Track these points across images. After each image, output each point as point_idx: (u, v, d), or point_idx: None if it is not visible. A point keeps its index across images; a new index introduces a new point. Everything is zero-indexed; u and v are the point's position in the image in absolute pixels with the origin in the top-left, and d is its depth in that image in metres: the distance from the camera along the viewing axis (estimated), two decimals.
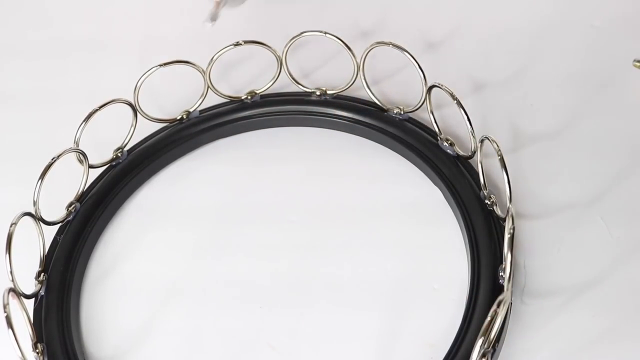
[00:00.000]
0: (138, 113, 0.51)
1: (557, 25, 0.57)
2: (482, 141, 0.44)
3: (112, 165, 0.51)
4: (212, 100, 0.54)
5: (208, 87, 0.53)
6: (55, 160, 0.46)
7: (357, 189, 0.49)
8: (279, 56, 0.52)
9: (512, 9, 0.59)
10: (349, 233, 0.47)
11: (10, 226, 0.42)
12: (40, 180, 0.45)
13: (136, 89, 0.51)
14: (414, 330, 0.42)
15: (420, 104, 0.49)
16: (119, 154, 0.51)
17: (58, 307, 0.43)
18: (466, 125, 0.46)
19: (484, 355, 0.36)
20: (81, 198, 0.49)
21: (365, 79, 0.51)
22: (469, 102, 0.48)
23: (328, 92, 0.53)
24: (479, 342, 0.34)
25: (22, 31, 0.67)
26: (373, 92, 0.51)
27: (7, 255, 0.41)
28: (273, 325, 0.43)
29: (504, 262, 0.39)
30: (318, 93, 0.53)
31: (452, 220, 0.46)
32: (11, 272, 0.41)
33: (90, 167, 0.49)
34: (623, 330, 0.40)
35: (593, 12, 0.57)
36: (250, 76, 0.58)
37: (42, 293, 0.44)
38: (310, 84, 0.53)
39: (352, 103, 0.52)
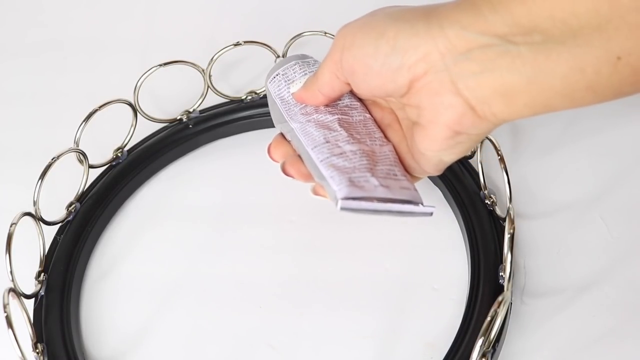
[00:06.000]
0: (138, 113, 0.51)
1: None
2: (482, 141, 0.44)
3: (112, 165, 0.51)
4: (212, 100, 0.54)
5: (208, 87, 0.53)
6: (55, 160, 0.46)
7: None
8: (279, 56, 0.52)
9: None
10: (349, 233, 0.47)
11: (11, 226, 0.42)
12: (40, 180, 0.45)
13: (136, 89, 0.51)
14: (414, 330, 0.42)
15: None
16: (119, 154, 0.51)
17: (58, 307, 0.43)
18: None
19: (484, 355, 0.36)
20: (81, 198, 0.49)
21: None
22: None
23: None
24: (479, 342, 0.34)
25: (22, 31, 0.67)
26: None
27: (7, 255, 0.41)
28: (273, 325, 0.43)
29: (504, 262, 0.39)
30: None
31: (452, 220, 0.46)
32: (11, 272, 0.41)
33: (90, 167, 0.49)
34: (623, 330, 0.40)
35: None
36: (250, 76, 0.58)
37: (42, 293, 0.44)
38: None
39: None
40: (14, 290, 0.40)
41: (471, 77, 0.31)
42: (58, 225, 0.47)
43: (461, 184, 0.46)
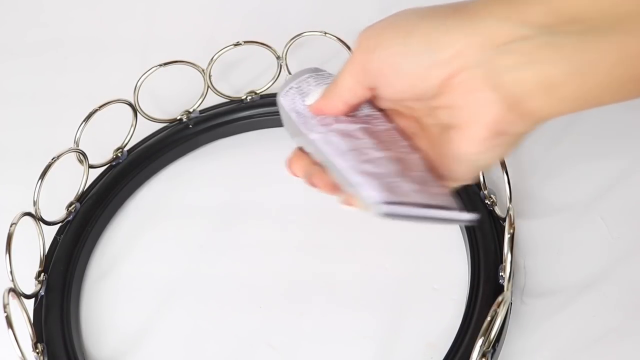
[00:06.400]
0: (138, 113, 0.51)
1: None
2: None
3: (112, 165, 0.51)
4: (212, 100, 0.54)
5: (208, 87, 0.53)
6: (55, 160, 0.46)
7: None
8: (279, 56, 0.52)
9: None
10: (349, 233, 0.47)
11: (11, 226, 0.42)
12: (40, 180, 0.45)
13: (136, 89, 0.51)
14: (414, 330, 0.42)
15: None
16: (119, 154, 0.51)
17: (58, 307, 0.43)
18: None
19: (484, 355, 0.36)
20: (81, 198, 0.49)
21: None
22: None
23: None
24: (479, 342, 0.34)
25: (22, 31, 0.67)
26: None
27: (7, 255, 0.41)
28: (273, 325, 0.43)
29: (504, 262, 0.39)
30: None
31: None
32: (11, 272, 0.41)
33: (90, 167, 0.49)
34: (623, 330, 0.40)
35: None
36: (250, 76, 0.58)
37: (42, 293, 0.44)
38: None
39: None
40: (14, 290, 0.40)
41: (510, 71, 0.29)
42: (58, 225, 0.47)
43: None
